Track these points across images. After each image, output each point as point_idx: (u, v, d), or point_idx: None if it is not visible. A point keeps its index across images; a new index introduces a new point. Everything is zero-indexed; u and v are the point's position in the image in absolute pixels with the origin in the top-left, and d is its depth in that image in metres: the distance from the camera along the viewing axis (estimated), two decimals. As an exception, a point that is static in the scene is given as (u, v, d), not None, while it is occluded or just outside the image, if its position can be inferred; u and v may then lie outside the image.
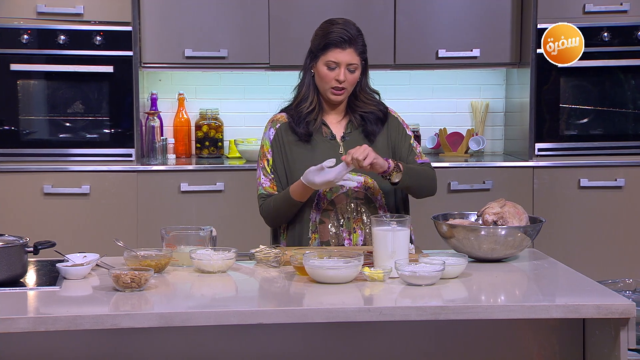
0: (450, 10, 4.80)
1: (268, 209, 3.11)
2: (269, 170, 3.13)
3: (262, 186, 3.13)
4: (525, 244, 2.84)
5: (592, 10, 4.66)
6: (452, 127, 5.14)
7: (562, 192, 4.71)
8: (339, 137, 3.15)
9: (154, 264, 2.64)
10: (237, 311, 2.31)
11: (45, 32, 4.52)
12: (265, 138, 3.15)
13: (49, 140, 4.60)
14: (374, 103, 3.17)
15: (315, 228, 3.09)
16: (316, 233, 3.09)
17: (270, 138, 3.14)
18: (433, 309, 2.34)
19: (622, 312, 2.33)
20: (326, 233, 3.08)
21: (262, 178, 3.13)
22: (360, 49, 3.08)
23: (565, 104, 4.75)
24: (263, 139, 3.17)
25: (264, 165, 3.14)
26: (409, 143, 3.17)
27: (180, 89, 5.06)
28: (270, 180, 3.12)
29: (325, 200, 3.08)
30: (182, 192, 4.61)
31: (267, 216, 3.13)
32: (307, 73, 3.15)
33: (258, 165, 3.17)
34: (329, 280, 2.53)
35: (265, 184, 3.13)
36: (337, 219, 3.08)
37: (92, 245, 4.07)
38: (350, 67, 3.07)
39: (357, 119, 3.15)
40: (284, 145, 3.12)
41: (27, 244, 2.61)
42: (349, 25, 3.10)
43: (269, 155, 3.13)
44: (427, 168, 3.15)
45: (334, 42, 3.05)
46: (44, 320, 2.26)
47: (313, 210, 3.08)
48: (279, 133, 3.13)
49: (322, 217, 3.09)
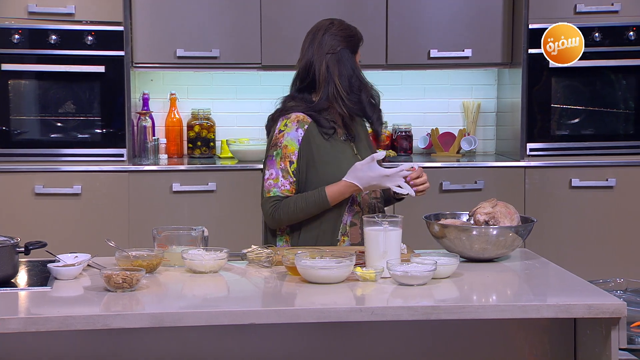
0: (442, 11, 4.81)
1: (289, 210, 2.99)
2: (292, 173, 3.02)
3: (280, 188, 3.01)
4: (516, 244, 2.85)
5: (583, 11, 4.67)
6: (444, 127, 5.15)
7: (554, 192, 4.72)
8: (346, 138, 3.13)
9: (145, 264, 2.64)
10: (228, 311, 2.31)
11: (36, 32, 4.51)
12: (291, 139, 3.03)
13: (40, 141, 4.60)
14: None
15: (345, 230, 3.06)
16: (346, 235, 3.07)
17: (299, 139, 3.03)
18: (425, 309, 2.34)
19: (613, 311, 2.34)
20: (356, 235, 3.06)
21: (281, 180, 3.02)
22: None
23: (557, 104, 4.76)
24: (286, 139, 3.03)
25: (285, 167, 3.02)
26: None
27: (172, 89, 5.05)
28: (291, 184, 3.02)
29: (356, 202, 3.07)
30: (174, 192, 4.60)
31: (284, 218, 3.01)
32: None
33: (273, 165, 3.04)
34: (321, 280, 2.53)
35: (285, 187, 3.01)
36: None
37: (83, 245, 4.06)
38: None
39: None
40: (312, 150, 3.02)
41: (18, 244, 2.60)
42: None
43: (293, 157, 3.02)
44: None
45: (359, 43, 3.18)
46: (35, 321, 2.25)
47: (346, 213, 3.05)
48: (308, 136, 3.03)
49: (354, 219, 3.07)
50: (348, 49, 3.08)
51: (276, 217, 3.03)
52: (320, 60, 3.05)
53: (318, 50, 3.06)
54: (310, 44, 3.08)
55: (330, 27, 3.09)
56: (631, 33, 4.68)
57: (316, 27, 3.12)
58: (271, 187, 3.05)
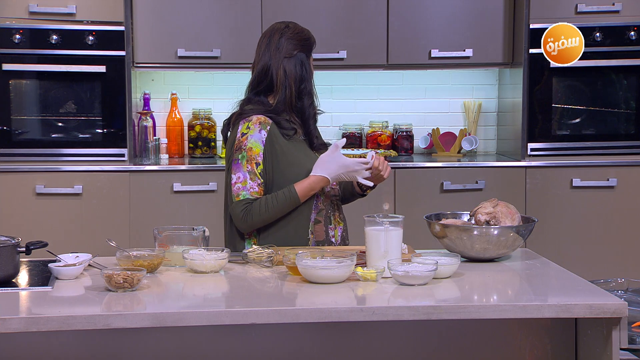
0: (443, 11, 4.81)
1: (260, 211, 2.99)
2: (259, 174, 3.02)
3: (249, 191, 3.00)
4: (517, 244, 2.85)
5: (584, 11, 4.67)
6: (445, 127, 5.15)
7: (555, 192, 4.72)
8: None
9: (146, 264, 2.64)
10: (229, 311, 2.31)
11: (37, 32, 4.51)
12: (255, 140, 3.02)
13: (41, 140, 4.60)
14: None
15: (312, 228, 3.09)
16: (312, 233, 3.09)
17: (263, 140, 3.03)
18: (426, 309, 2.34)
19: (614, 311, 2.34)
20: (321, 232, 3.08)
21: (249, 182, 3.00)
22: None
23: (558, 104, 4.76)
24: (250, 141, 3.02)
25: (252, 169, 3.01)
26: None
27: (173, 89, 5.05)
28: (259, 185, 3.01)
29: (320, 199, 3.09)
30: (175, 192, 4.60)
31: (257, 219, 3.00)
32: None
33: (240, 169, 3.02)
34: (322, 280, 2.53)
35: (254, 189, 3.00)
36: (326, 217, 3.09)
37: (84, 245, 4.08)
38: None
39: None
40: (275, 148, 3.05)
41: (19, 244, 2.60)
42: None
43: (259, 159, 3.02)
44: None
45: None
46: (36, 321, 2.25)
47: (313, 210, 3.08)
48: (270, 137, 3.04)
49: (318, 217, 3.09)
50: (303, 52, 3.13)
51: (248, 220, 3.00)
52: (278, 64, 3.09)
53: (275, 54, 3.10)
54: (266, 47, 3.12)
55: (286, 30, 3.13)
56: (632, 33, 4.68)
57: (271, 30, 3.15)
58: (240, 191, 3.01)
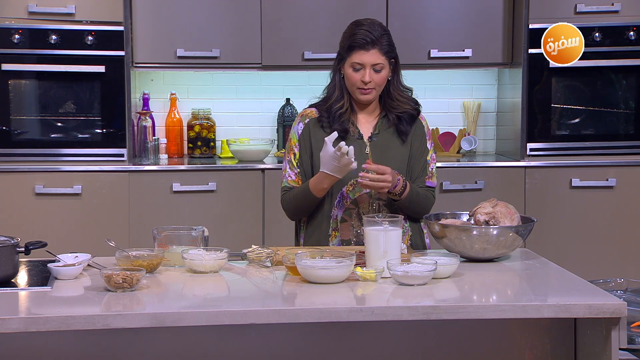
0: (442, 11, 4.81)
1: (288, 201, 3.13)
2: (295, 163, 3.14)
3: (287, 179, 3.15)
4: (516, 244, 2.85)
5: (583, 11, 4.67)
6: (444, 127, 5.15)
7: (554, 192, 4.72)
8: (366, 137, 3.15)
9: (145, 264, 2.64)
10: (229, 311, 2.31)
11: (36, 32, 4.51)
12: (294, 132, 3.17)
13: (40, 140, 4.59)
14: (408, 101, 3.21)
15: (336, 225, 3.10)
16: (337, 231, 3.10)
17: (299, 132, 3.16)
18: (425, 309, 2.34)
19: (613, 311, 2.34)
20: (347, 231, 3.09)
21: (288, 171, 3.16)
22: (385, 49, 3.10)
23: (557, 104, 4.76)
24: (291, 133, 3.18)
25: (290, 159, 3.16)
26: (425, 159, 3.19)
27: (172, 89, 5.05)
28: (296, 174, 3.14)
29: (348, 199, 3.09)
30: (174, 192, 4.60)
31: (288, 208, 3.15)
32: (336, 74, 3.17)
33: (284, 158, 3.19)
34: (321, 280, 2.53)
35: (291, 177, 3.15)
36: (359, 218, 3.09)
37: (83, 245, 4.07)
38: (376, 67, 3.08)
39: (393, 118, 3.16)
40: (311, 141, 3.13)
41: (19, 244, 2.60)
42: (374, 26, 3.11)
43: (296, 149, 3.15)
44: (430, 195, 3.18)
45: (358, 44, 3.07)
46: (36, 321, 2.25)
47: (335, 208, 3.10)
48: (307, 128, 3.15)
49: (344, 216, 3.10)
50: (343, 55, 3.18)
51: (284, 207, 3.17)
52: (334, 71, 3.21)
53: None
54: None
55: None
56: (631, 33, 4.68)
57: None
58: (283, 179, 3.18)
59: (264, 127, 5.10)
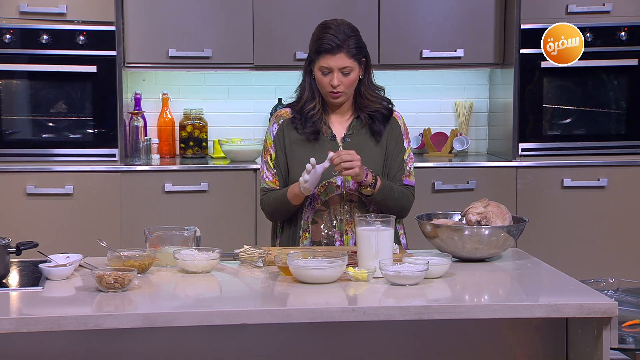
0: (434, 11, 4.81)
1: (267, 203, 3.13)
2: (272, 164, 3.14)
3: (265, 180, 3.15)
4: (508, 244, 2.85)
5: (575, 11, 4.69)
6: (436, 127, 5.16)
7: (546, 192, 4.73)
8: (339, 138, 3.14)
9: (137, 264, 2.63)
10: (221, 311, 2.31)
11: (27, 32, 4.50)
12: (269, 133, 3.17)
13: (31, 140, 4.58)
14: (379, 100, 3.17)
15: (307, 227, 3.09)
16: (308, 232, 3.09)
17: (274, 133, 3.15)
18: (417, 309, 2.34)
19: (604, 311, 2.34)
20: (318, 233, 3.09)
21: (266, 172, 3.15)
22: (352, 52, 3.05)
23: (549, 104, 4.77)
24: (267, 134, 3.19)
25: (267, 160, 3.15)
26: (402, 158, 3.15)
27: (164, 89, 5.04)
28: (273, 175, 3.14)
29: (319, 200, 3.09)
30: (166, 193, 4.59)
31: (266, 210, 3.16)
32: (307, 75, 3.13)
33: (262, 159, 3.19)
34: (313, 280, 2.53)
35: (268, 179, 3.14)
36: (330, 220, 3.08)
37: (75, 245, 4.06)
38: (344, 70, 3.05)
39: (365, 118, 3.14)
40: (285, 142, 3.13)
41: (10, 245, 2.60)
42: (340, 28, 3.07)
43: (271, 150, 3.14)
44: (408, 193, 3.13)
45: (324, 49, 3.04)
46: (27, 321, 2.25)
47: (306, 209, 3.09)
48: (281, 129, 3.15)
49: (315, 217, 3.09)
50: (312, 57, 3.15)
51: (262, 208, 3.17)
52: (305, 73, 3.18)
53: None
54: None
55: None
56: (622, 33, 4.69)
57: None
58: (261, 180, 3.18)
59: (256, 127, 5.10)
